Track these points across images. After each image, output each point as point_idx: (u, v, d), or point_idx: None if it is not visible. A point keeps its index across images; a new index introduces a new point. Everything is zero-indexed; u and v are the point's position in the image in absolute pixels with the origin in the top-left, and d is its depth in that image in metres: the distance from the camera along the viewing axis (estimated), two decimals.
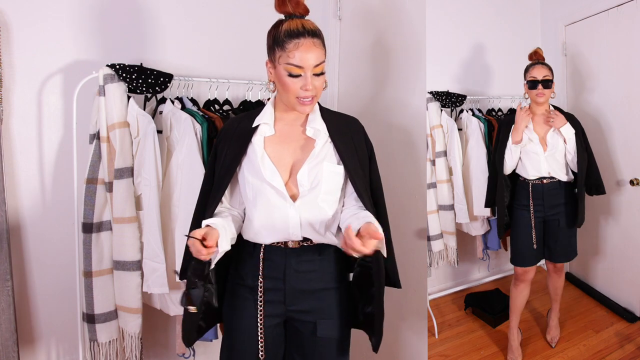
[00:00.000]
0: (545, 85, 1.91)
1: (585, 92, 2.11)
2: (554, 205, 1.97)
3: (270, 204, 1.27)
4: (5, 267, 1.72)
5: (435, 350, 2.06)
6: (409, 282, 1.89)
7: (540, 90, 1.91)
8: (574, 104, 2.14)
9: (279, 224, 1.27)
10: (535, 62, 1.97)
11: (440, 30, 2.04)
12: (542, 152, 1.94)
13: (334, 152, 1.31)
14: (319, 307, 1.30)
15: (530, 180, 1.97)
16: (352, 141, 1.34)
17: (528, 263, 2.01)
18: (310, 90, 1.22)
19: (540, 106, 1.97)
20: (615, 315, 2.09)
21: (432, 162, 2.09)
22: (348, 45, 2.25)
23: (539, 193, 1.97)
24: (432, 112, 2.07)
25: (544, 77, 1.91)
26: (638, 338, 1.97)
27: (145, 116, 1.75)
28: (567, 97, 2.16)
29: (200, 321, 1.33)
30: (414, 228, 1.90)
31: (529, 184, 1.98)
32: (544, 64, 1.95)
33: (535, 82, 1.92)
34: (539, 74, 1.92)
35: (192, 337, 1.34)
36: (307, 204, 1.27)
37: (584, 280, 2.24)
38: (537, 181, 1.97)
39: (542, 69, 1.93)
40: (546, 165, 1.95)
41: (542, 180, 1.96)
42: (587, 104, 2.09)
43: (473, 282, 2.38)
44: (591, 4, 2.01)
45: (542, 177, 1.96)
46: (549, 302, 2.15)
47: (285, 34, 1.21)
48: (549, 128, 1.94)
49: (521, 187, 2.01)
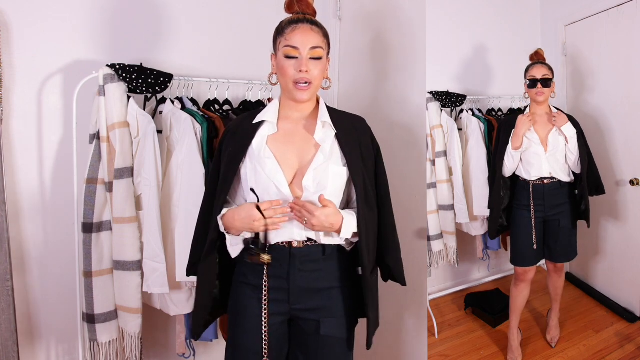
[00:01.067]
0: (545, 84, 1.92)
1: (585, 92, 2.10)
2: (554, 206, 1.97)
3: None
4: (5, 267, 1.72)
5: (435, 350, 2.06)
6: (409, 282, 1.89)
7: (539, 89, 1.92)
8: (574, 104, 2.14)
9: (283, 224, 1.27)
10: (535, 62, 1.97)
11: (440, 30, 2.03)
12: (544, 152, 1.94)
13: (340, 153, 1.31)
14: (323, 306, 1.31)
15: (531, 180, 1.97)
16: (358, 141, 1.34)
17: (528, 263, 2.01)
18: (304, 72, 1.23)
19: (540, 106, 1.97)
20: (615, 315, 2.09)
21: (432, 162, 2.09)
22: (348, 45, 2.25)
23: (540, 193, 1.97)
24: (432, 112, 2.07)
25: (543, 76, 1.92)
26: (638, 338, 1.97)
27: (145, 116, 1.75)
28: (567, 97, 2.16)
29: (207, 315, 1.40)
30: (414, 228, 1.90)
31: (529, 184, 1.98)
32: (544, 63, 1.96)
33: (535, 81, 1.93)
34: (538, 73, 1.93)
35: (200, 330, 1.40)
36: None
37: (584, 280, 2.24)
38: (538, 181, 1.97)
39: (541, 68, 1.93)
40: (547, 165, 1.95)
41: (543, 181, 1.96)
42: (587, 104, 2.09)
43: (473, 282, 2.38)
44: (591, 4, 2.01)
45: (542, 178, 1.96)
46: (549, 302, 2.15)
47: (286, 22, 1.29)
48: (550, 128, 1.94)
49: (521, 187, 2.01)
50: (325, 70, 1.31)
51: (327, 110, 1.35)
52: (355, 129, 1.37)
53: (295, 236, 1.28)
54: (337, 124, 1.32)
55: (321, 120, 1.31)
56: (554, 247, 2.00)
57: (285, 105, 1.34)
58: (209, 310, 1.40)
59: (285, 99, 1.34)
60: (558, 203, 1.97)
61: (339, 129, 1.32)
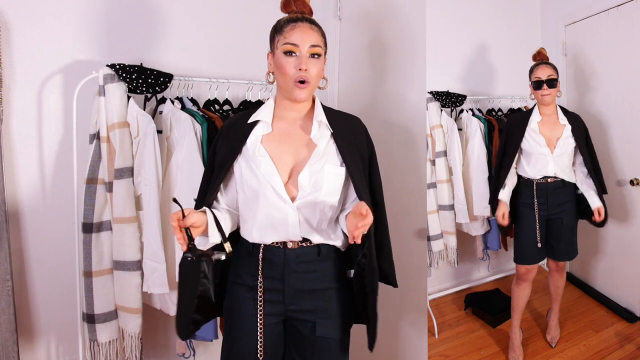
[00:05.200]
0: (550, 84, 1.91)
1: (585, 92, 2.10)
2: (557, 204, 1.97)
3: (269, 203, 1.27)
4: (5, 267, 1.72)
5: (435, 350, 2.06)
6: (409, 282, 1.90)
7: (545, 90, 1.92)
8: (575, 104, 2.14)
9: (278, 224, 1.27)
10: (539, 62, 1.96)
11: (440, 30, 2.03)
12: (550, 153, 1.94)
13: (336, 153, 1.31)
14: (318, 306, 1.30)
15: (535, 179, 1.98)
16: (354, 141, 1.34)
17: (531, 261, 2.01)
18: (304, 70, 1.23)
19: (547, 106, 1.96)
20: (615, 315, 2.08)
21: (432, 162, 2.09)
22: (348, 45, 2.25)
23: (543, 192, 1.97)
24: (432, 112, 2.07)
25: (548, 77, 1.91)
26: (638, 338, 1.97)
27: (145, 116, 1.75)
28: (568, 97, 2.16)
29: (195, 314, 1.29)
30: (414, 228, 1.90)
31: (533, 182, 1.98)
32: (548, 63, 1.95)
33: (540, 82, 1.92)
34: (543, 74, 1.92)
35: (187, 329, 1.30)
36: (307, 204, 1.27)
37: (584, 280, 2.24)
38: (542, 180, 1.97)
39: (546, 68, 1.93)
40: (553, 165, 1.95)
41: (547, 180, 1.96)
42: (587, 103, 2.09)
43: (473, 282, 2.38)
44: (591, 4, 2.01)
45: (547, 177, 1.97)
46: (549, 302, 2.15)
47: (285, 21, 1.28)
48: (557, 129, 1.94)
49: (525, 185, 2.02)
50: (323, 70, 1.31)
51: (323, 109, 1.34)
52: (352, 128, 1.37)
53: (291, 236, 1.28)
54: (333, 123, 1.32)
55: (317, 120, 1.31)
56: (557, 245, 2.00)
57: (281, 105, 1.34)
58: (195, 309, 1.28)
59: (281, 99, 1.33)
60: (561, 202, 1.97)
61: (335, 129, 1.31)
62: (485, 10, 2.23)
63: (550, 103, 1.95)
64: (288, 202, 1.26)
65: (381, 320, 1.41)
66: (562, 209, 1.97)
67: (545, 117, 1.97)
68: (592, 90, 2.08)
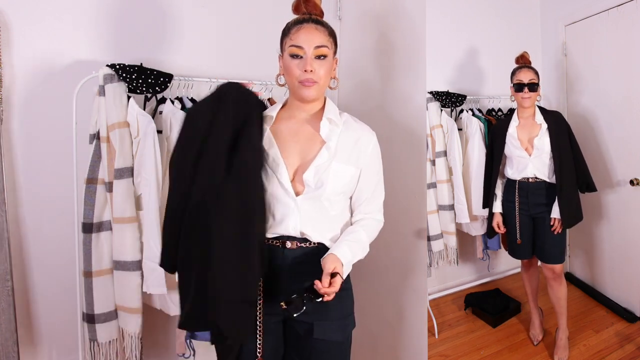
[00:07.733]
0: (531, 88, 1.96)
1: (585, 92, 2.10)
2: (537, 204, 2.02)
3: (273, 195, 1.27)
4: (5, 267, 1.72)
5: (435, 350, 2.06)
6: (409, 282, 1.90)
7: (526, 93, 1.96)
8: (574, 104, 2.14)
9: (279, 217, 1.27)
10: (522, 65, 2.01)
11: (440, 30, 2.04)
12: (527, 156, 1.99)
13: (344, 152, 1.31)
14: (317, 308, 1.30)
15: (517, 179, 2.04)
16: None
17: (519, 256, 2.13)
18: (309, 71, 1.24)
19: (526, 109, 2.01)
20: (615, 315, 2.08)
21: (432, 162, 2.09)
22: (348, 45, 2.25)
23: (524, 191, 2.04)
24: (432, 112, 2.07)
25: (529, 81, 1.96)
26: (638, 338, 1.97)
27: (145, 116, 1.75)
28: (567, 97, 2.16)
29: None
30: (414, 228, 1.90)
31: (515, 181, 2.05)
32: (530, 67, 1.99)
33: (522, 85, 1.97)
34: (525, 77, 1.97)
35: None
36: (310, 200, 1.27)
37: (584, 280, 2.24)
38: (523, 179, 2.03)
39: (528, 72, 1.97)
40: (532, 167, 2.00)
41: (528, 179, 2.02)
42: (587, 103, 2.09)
43: (473, 282, 2.38)
44: (591, 4, 2.01)
45: (527, 177, 2.02)
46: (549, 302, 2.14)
47: (292, 23, 1.30)
48: (534, 131, 1.98)
49: (509, 184, 2.09)
50: (332, 69, 1.32)
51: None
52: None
53: (290, 230, 1.28)
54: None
55: (327, 116, 1.31)
56: (541, 246, 2.04)
57: (292, 105, 1.35)
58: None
59: (292, 99, 1.35)
60: (541, 202, 2.01)
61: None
62: (485, 10, 2.23)
63: (530, 106, 2.00)
64: (291, 195, 1.26)
65: (381, 320, 1.41)
66: (546, 209, 2.00)
67: (523, 120, 2.02)
68: (591, 90, 2.08)
